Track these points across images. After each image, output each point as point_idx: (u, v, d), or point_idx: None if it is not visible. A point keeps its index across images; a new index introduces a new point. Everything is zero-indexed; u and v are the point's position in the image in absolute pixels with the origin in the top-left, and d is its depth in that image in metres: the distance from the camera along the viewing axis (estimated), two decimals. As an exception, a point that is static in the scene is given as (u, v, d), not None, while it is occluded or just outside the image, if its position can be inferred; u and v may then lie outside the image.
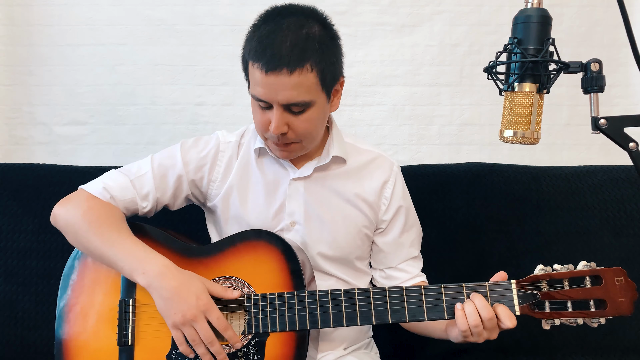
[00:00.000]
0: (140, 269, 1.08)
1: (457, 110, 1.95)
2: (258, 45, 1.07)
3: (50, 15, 1.86)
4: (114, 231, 1.14)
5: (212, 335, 1.05)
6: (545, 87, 0.96)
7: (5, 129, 1.90)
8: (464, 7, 1.91)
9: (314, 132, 1.16)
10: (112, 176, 1.23)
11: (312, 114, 1.12)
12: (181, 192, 1.26)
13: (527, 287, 1.06)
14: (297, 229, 1.25)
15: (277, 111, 1.09)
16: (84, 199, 1.18)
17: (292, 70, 1.05)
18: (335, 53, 1.14)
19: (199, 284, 1.08)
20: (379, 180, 1.29)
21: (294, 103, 1.08)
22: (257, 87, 1.09)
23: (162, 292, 1.06)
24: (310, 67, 1.07)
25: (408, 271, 1.32)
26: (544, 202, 1.60)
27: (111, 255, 1.11)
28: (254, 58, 1.08)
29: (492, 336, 1.06)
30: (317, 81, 1.09)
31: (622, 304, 1.02)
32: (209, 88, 1.91)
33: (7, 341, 1.51)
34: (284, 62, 1.04)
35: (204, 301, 1.06)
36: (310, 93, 1.09)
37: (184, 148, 1.26)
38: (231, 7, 1.88)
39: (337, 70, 1.15)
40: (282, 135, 1.12)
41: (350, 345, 1.31)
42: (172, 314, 1.06)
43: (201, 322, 1.05)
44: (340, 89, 1.20)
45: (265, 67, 1.05)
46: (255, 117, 1.16)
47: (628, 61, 1.93)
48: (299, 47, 1.05)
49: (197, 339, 1.05)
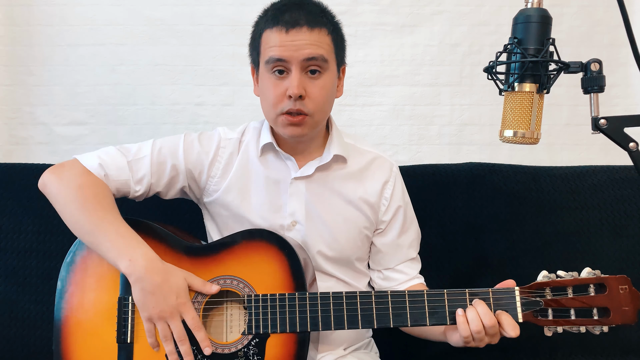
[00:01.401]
0: (127, 255, 1.08)
1: (457, 110, 1.95)
2: (277, 11, 1.15)
3: (50, 15, 1.86)
4: (106, 212, 1.14)
5: (184, 334, 1.07)
6: (545, 87, 0.96)
7: (5, 129, 1.90)
8: (464, 7, 1.91)
9: (325, 105, 1.19)
10: (109, 152, 1.22)
11: (326, 81, 1.17)
12: (177, 182, 1.25)
13: (531, 294, 1.05)
14: (298, 229, 1.25)
15: (295, 71, 1.13)
16: (78, 173, 1.17)
17: (312, 27, 1.13)
18: (343, 36, 1.23)
19: (181, 281, 1.09)
20: (379, 181, 1.29)
21: (314, 57, 1.13)
22: (275, 49, 1.13)
23: (144, 285, 1.07)
24: (327, 31, 1.16)
25: (406, 272, 1.32)
26: (544, 202, 1.60)
27: (99, 235, 1.11)
28: (273, 23, 1.14)
29: (493, 341, 1.06)
30: (332, 46, 1.18)
31: (626, 312, 1.02)
32: (209, 88, 1.91)
33: (7, 341, 1.51)
34: (304, 21, 1.13)
35: (182, 300, 1.07)
36: (328, 53, 1.16)
37: (187, 140, 1.26)
38: (231, 7, 1.88)
39: (344, 52, 1.25)
40: (298, 101, 1.13)
41: (350, 346, 1.31)
42: (150, 307, 1.07)
43: (176, 320, 1.07)
44: (343, 77, 1.27)
45: (286, 26, 1.12)
46: (269, 93, 1.17)
47: (628, 61, 1.93)
48: (317, 11, 1.16)
49: (169, 335, 1.08)
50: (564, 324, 1.03)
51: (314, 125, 1.19)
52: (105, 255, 1.11)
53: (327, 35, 1.16)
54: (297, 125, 1.16)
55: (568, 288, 1.04)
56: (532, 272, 1.08)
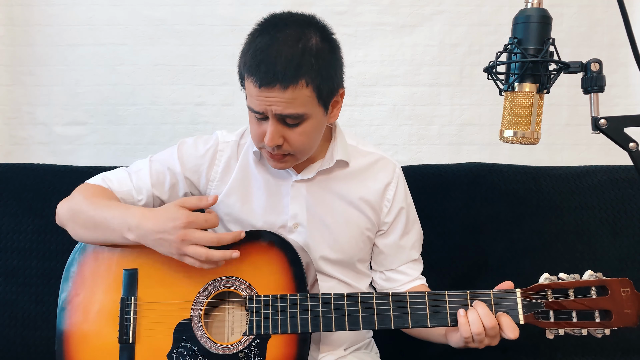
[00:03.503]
0: (125, 226, 1.11)
1: (457, 110, 1.95)
2: (252, 59, 1.06)
3: (50, 15, 1.86)
4: (106, 200, 1.18)
5: (205, 251, 1.06)
6: (545, 87, 0.96)
7: (5, 129, 1.90)
8: (464, 7, 1.91)
9: (308, 145, 1.15)
10: (111, 171, 1.28)
11: (308, 126, 1.11)
12: (177, 190, 1.26)
13: (532, 296, 1.05)
14: (299, 231, 1.24)
15: (272, 123, 1.08)
16: (82, 189, 1.23)
17: (285, 86, 1.04)
18: (333, 66, 1.11)
19: (172, 208, 1.09)
20: (382, 182, 1.28)
21: (287, 115, 1.07)
22: (252, 99, 1.09)
23: (147, 237, 1.09)
24: (305, 83, 1.05)
25: (408, 273, 1.31)
26: (544, 202, 1.60)
27: (102, 219, 1.14)
28: (249, 72, 1.07)
29: (493, 343, 1.06)
30: (313, 96, 1.07)
31: (628, 315, 1.01)
32: (209, 88, 1.91)
33: (7, 341, 1.51)
34: (277, 78, 1.03)
35: (181, 232, 1.06)
36: (306, 106, 1.08)
37: (182, 147, 1.27)
38: (231, 7, 1.88)
39: (336, 82, 1.13)
40: (277, 147, 1.12)
41: (350, 346, 1.31)
42: (165, 250, 1.09)
43: (189, 248, 1.07)
44: (341, 100, 1.18)
45: (259, 82, 1.05)
46: (252, 128, 1.16)
47: (628, 61, 1.93)
48: (294, 63, 1.03)
49: (197, 262, 1.08)
50: (565, 326, 1.03)
51: (298, 160, 1.18)
52: (114, 240, 1.15)
53: (305, 87, 1.05)
54: (280, 162, 1.16)
55: (570, 290, 1.04)
56: (532, 272, 1.08)
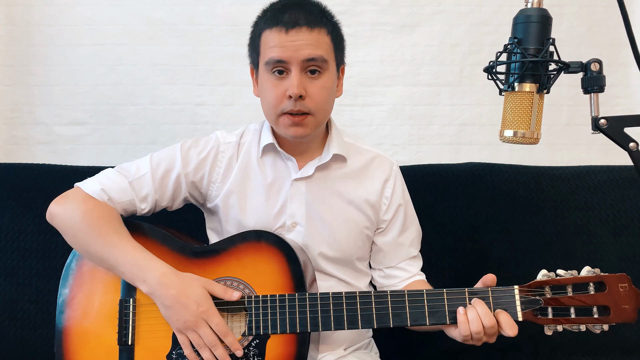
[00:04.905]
0: (141, 277, 1.09)
1: (457, 110, 1.95)
2: (276, 12, 1.15)
3: (50, 15, 1.86)
4: (114, 235, 1.13)
5: (215, 339, 1.07)
6: (545, 87, 0.96)
7: (5, 129, 1.90)
8: (464, 7, 1.91)
9: (326, 104, 1.19)
10: (109, 176, 1.21)
11: (326, 80, 1.16)
12: (180, 193, 1.25)
13: (530, 292, 1.05)
14: (298, 230, 1.24)
15: (295, 71, 1.13)
16: (82, 200, 1.17)
17: (312, 27, 1.13)
18: (342, 36, 1.23)
19: (199, 289, 1.08)
20: (379, 180, 1.29)
21: (314, 57, 1.13)
22: (275, 49, 1.13)
23: (163, 300, 1.08)
24: (326, 31, 1.16)
25: (407, 270, 1.32)
26: (544, 202, 1.60)
27: (112, 261, 1.12)
28: (272, 23, 1.14)
29: (491, 341, 1.06)
30: (332, 48, 1.18)
31: (626, 310, 1.02)
32: (209, 88, 1.91)
33: (7, 341, 1.51)
34: (303, 21, 1.13)
35: (204, 307, 1.07)
36: (328, 54, 1.16)
37: (184, 149, 1.25)
38: (231, 7, 1.88)
39: (344, 52, 1.24)
40: (299, 101, 1.13)
41: (350, 346, 1.31)
42: (174, 320, 1.08)
43: (203, 327, 1.07)
44: (342, 77, 1.27)
45: (286, 27, 1.12)
46: (269, 93, 1.17)
47: (628, 61, 1.93)
48: (316, 12, 1.16)
49: (202, 343, 1.07)
50: (564, 322, 1.03)
51: (316, 125, 1.19)
52: (124, 278, 1.13)
53: (326, 35, 1.16)
54: (299, 125, 1.16)
55: (568, 287, 1.04)
56: (532, 272, 1.08)
